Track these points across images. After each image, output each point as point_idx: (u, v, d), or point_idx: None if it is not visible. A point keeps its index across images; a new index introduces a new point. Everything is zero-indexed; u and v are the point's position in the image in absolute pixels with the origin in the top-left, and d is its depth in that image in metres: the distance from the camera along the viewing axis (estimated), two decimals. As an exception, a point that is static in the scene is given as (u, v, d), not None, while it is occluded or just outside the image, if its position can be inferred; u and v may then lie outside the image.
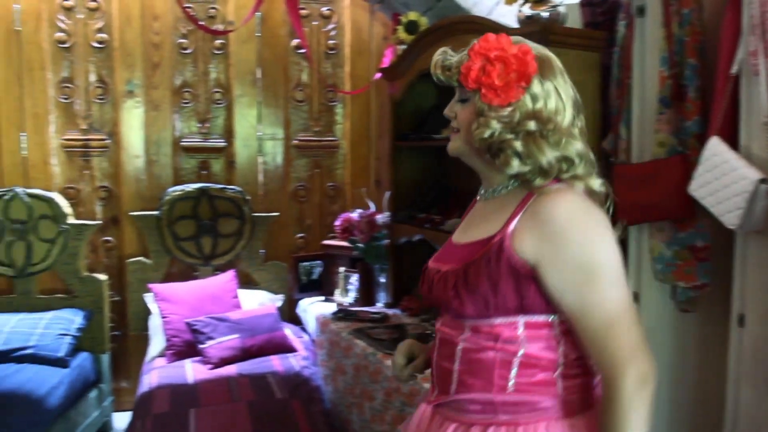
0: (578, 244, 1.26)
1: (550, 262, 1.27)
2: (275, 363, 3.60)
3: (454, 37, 2.95)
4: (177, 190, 4.17)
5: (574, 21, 2.68)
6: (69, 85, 4.15)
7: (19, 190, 3.93)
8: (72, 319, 3.83)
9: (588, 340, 1.28)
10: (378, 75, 3.98)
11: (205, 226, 4.25)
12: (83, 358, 3.84)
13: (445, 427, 1.41)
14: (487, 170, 1.43)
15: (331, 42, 4.38)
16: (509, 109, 1.32)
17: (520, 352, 1.32)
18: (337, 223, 3.82)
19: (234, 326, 3.68)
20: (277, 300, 4.20)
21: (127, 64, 4.20)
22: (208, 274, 4.24)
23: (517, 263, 1.29)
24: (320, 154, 4.50)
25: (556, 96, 1.34)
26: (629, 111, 2.34)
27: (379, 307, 3.64)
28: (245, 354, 3.63)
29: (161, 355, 3.77)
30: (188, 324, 3.67)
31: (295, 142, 4.47)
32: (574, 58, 2.39)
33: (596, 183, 1.37)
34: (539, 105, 1.32)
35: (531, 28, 2.44)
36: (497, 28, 2.52)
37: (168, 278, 4.19)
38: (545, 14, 2.52)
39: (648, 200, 2.17)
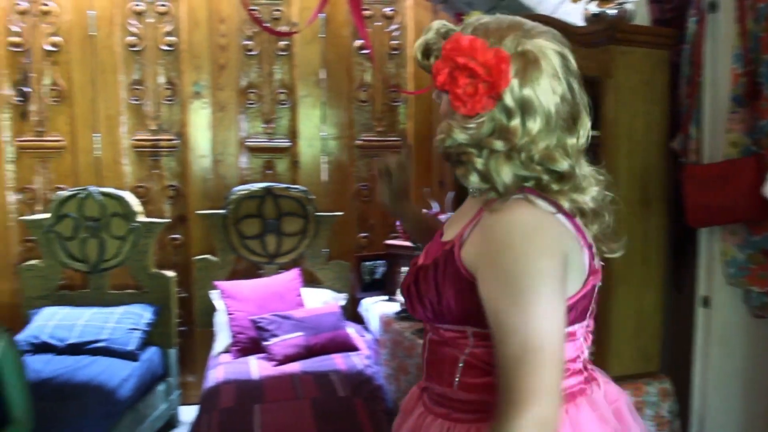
0: (511, 262, 1.13)
1: (482, 274, 1.18)
2: (338, 361, 3.64)
3: (518, 36, 2.93)
4: (242, 189, 4.24)
5: (642, 18, 2.62)
6: (139, 87, 4.29)
7: (93, 188, 4.07)
8: (141, 314, 3.95)
9: (499, 368, 1.14)
10: (441, 75, 3.97)
11: (270, 224, 4.32)
12: (152, 352, 3.96)
13: (418, 410, 1.39)
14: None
15: (393, 42, 4.40)
16: (477, 120, 1.19)
17: (467, 351, 1.26)
18: (400, 222, 3.82)
19: (298, 324, 3.73)
20: (340, 299, 4.24)
21: (195, 66, 4.30)
22: (272, 272, 4.31)
23: (461, 272, 1.21)
24: (383, 154, 4.52)
25: (537, 107, 1.17)
26: (700, 110, 2.28)
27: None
28: (308, 352, 3.67)
29: (227, 351, 3.86)
30: (253, 321, 3.74)
31: (359, 142, 4.50)
32: (642, 56, 2.33)
33: (570, 201, 1.23)
34: (513, 122, 1.17)
35: (597, 26, 2.39)
36: (562, 26, 2.48)
37: (233, 276, 4.28)
38: (612, 12, 2.46)
39: (720, 202, 2.11)
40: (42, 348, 3.74)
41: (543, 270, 1.13)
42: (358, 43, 4.36)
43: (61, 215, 4.06)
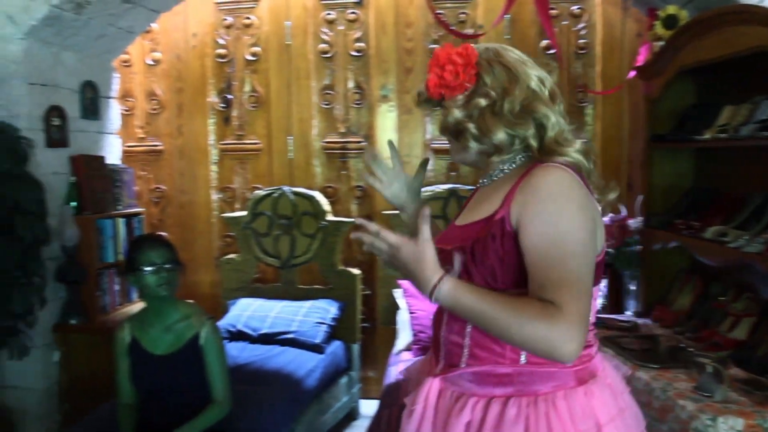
0: (549, 213, 1.33)
1: (525, 223, 1.36)
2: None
3: (719, 30, 2.74)
4: (427, 190, 4.29)
5: None
6: (330, 91, 4.48)
7: (286, 188, 4.31)
8: (328, 309, 4.11)
9: (540, 292, 1.30)
10: (632, 74, 3.80)
11: (452, 226, 4.33)
12: (336, 346, 4.10)
13: (463, 402, 1.46)
14: (482, 161, 1.55)
15: (581, 41, 4.27)
16: (465, 93, 1.47)
17: None
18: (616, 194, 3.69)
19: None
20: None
21: (382, 70, 4.43)
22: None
23: (512, 234, 1.38)
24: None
25: (508, 73, 1.45)
26: None
27: (628, 315, 3.48)
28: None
29: (407, 348, 3.92)
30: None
31: (543, 143, 4.41)
32: None
33: (574, 156, 1.43)
34: (489, 81, 1.45)
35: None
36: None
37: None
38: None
39: None
40: (238, 336, 4.02)
41: (581, 223, 1.34)
42: (544, 43, 4.28)
43: (257, 213, 4.33)
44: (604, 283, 1.52)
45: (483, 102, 1.44)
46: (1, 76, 3.51)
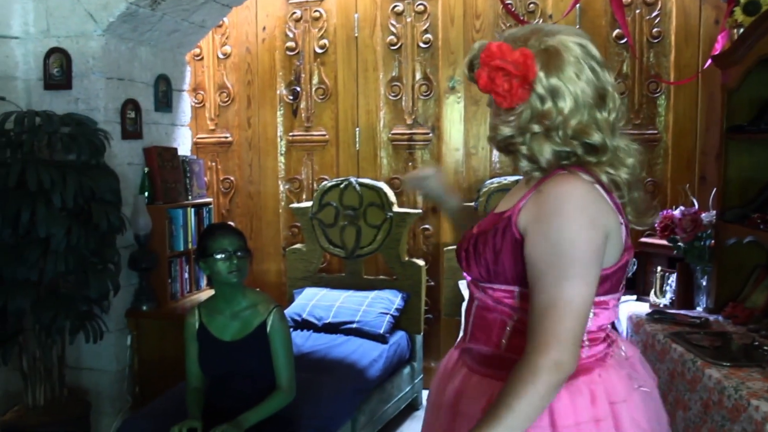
0: (557, 229, 1.34)
1: (531, 234, 1.38)
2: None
3: (803, 15, 2.63)
4: (494, 182, 4.25)
5: None
6: (397, 83, 4.49)
7: (353, 179, 4.34)
8: (392, 300, 4.13)
9: (530, 314, 1.35)
10: (708, 62, 3.68)
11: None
12: (399, 336, 4.11)
13: (461, 371, 1.59)
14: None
15: (655, 30, 4.15)
16: (517, 111, 1.42)
17: (515, 318, 1.47)
18: (657, 220, 3.61)
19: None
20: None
21: (449, 61, 4.41)
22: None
23: (516, 236, 1.41)
24: (643, 147, 4.29)
25: (564, 91, 1.39)
26: None
27: (699, 311, 3.38)
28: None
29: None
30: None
31: (613, 135, 4.31)
32: None
33: (606, 174, 1.42)
34: (547, 105, 1.39)
35: None
36: None
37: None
38: None
39: None
40: (303, 325, 4.08)
41: (585, 239, 1.33)
42: (616, 32, 4.18)
43: (323, 204, 4.37)
44: (616, 296, 1.52)
45: (537, 128, 1.41)
46: (81, 71, 3.66)
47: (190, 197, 4.32)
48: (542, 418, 1.38)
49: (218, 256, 2.63)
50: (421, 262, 4.28)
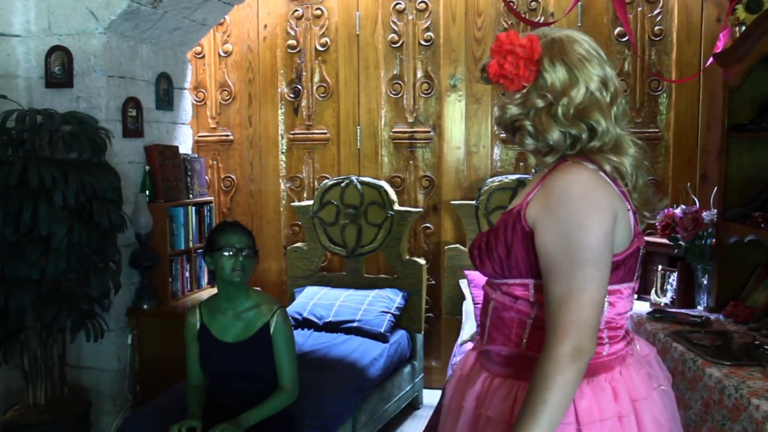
0: (565, 218, 1.37)
1: (541, 224, 1.41)
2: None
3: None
4: (495, 180, 4.25)
5: None
6: (399, 81, 4.49)
7: (354, 178, 4.33)
8: (393, 299, 4.13)
9: (546, 305, 1.39)
10: (710, 60, 3.67)
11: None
12: (400, 335, 4.11)
13: (480, 374, 1.59)
14: (538, 160, 1.56)
15: (656, 28, 4.15)
16: (524, 91, 1.48)
17: (533, 315, 1.48)
18: (658, 218, 3.61)
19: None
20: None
21: (451, 59, 4.41)
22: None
23: (525, 229, 1.44)
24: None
25: (568, 73, 1.45)
26: None
27: (700, 310, 3.37)
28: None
29: (471, 339, 3.90)
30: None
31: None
32: None
33: (610, 162, 1.44)
34: (549, 81, 1.45)
35: None
36: None
37: (480, 266, 4.30)
38: None
39: None
40: (303, 323, 4.08)
41: (594, 224, 1.36)
42: (618, 30, 4.17)
43: (324, 202, 4.37)
44: (630, 285, 1.59)
45: (540, 103, 1.46)
46: (83, 69, 3.65)
47: (191, 196, 4.32)
48: (568, 415, 1.40)
49: (224, 253, 2.63)
50: (421, 261, 4.28)
